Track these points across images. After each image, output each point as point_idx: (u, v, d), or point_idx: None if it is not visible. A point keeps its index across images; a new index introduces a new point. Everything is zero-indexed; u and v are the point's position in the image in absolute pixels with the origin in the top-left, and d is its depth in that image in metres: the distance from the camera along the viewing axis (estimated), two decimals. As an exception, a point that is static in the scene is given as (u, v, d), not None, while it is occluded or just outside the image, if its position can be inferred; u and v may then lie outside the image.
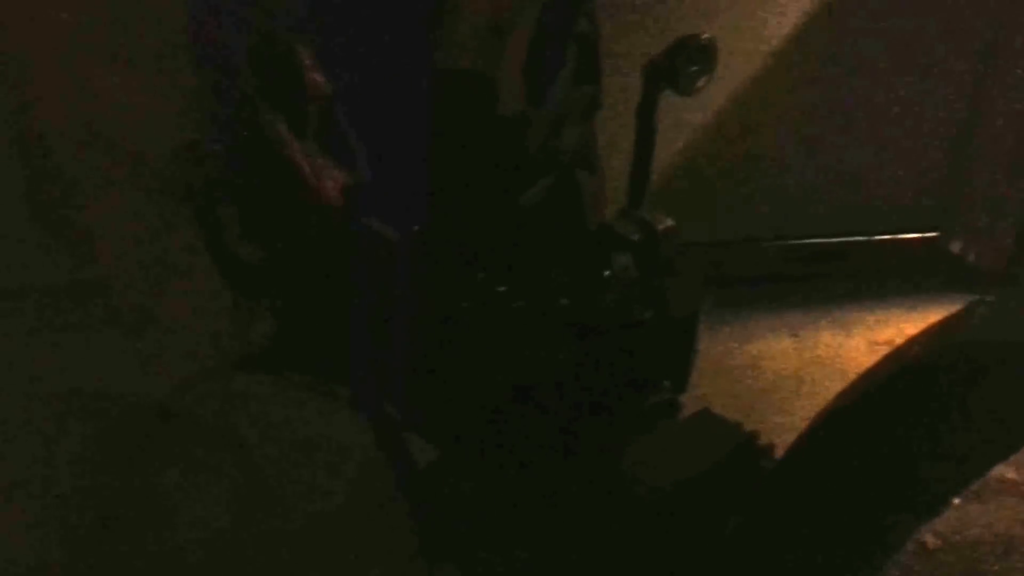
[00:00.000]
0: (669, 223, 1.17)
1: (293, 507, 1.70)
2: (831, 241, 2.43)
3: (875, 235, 2.44)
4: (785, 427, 1.84)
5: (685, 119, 2.25)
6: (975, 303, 0.83)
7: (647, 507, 1.13)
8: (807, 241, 2.42)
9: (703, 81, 1.14)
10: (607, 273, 1.17)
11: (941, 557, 1.62)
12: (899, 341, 0.87)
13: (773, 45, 2.20)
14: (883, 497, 0.86)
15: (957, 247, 2.42)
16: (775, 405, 1.96)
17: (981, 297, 0.83)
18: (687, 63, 1.12)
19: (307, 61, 1.03)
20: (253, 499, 1.73)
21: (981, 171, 2.35)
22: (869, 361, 0.87)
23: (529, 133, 1.14)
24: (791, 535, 0.96)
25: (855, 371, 0.88)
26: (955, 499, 0.87)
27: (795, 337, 2.21)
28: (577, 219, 1.22)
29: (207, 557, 1.61)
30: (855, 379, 0.90)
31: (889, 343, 2.07)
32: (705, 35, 1.13)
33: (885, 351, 0.87)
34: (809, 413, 0.91)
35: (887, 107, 2.29)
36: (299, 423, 1.87)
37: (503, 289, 1.17)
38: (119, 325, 2.12)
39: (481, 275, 1.17)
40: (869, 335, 2.17)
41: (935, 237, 2.44)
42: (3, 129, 2.06)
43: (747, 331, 2.24)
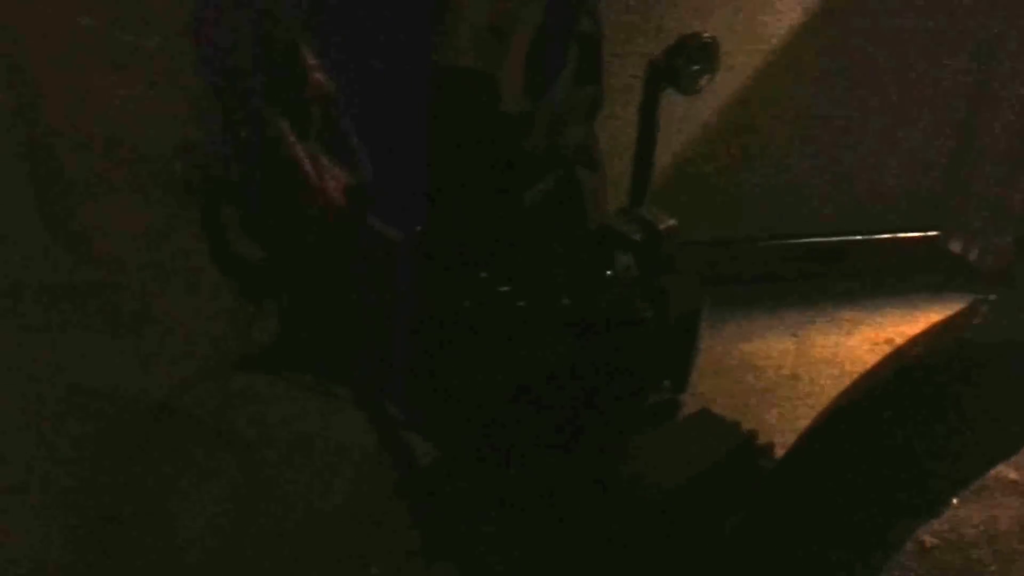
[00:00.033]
0: (671, 222, 1.17)
1: (292, 506, 1.70)
2: (831, 240, 2.43)
3: (875, 234, 2.44)
4: (784, 426, 1.84)
5: (684, 118, 2.25)
6: (976, 303, 0.83)
7: (647, 506, 1.14)
8: (806, 240, 2.42)
9: (705, 80, 1.14)
10: (608, 273, 1.17)
11: (938, 556, 1.62)
12: (898, 341, 0.87)
13: (772, 44, 2.20)
14: (884, 497, 0.86)
15: (957, 247, 2.42)
16: (774, 404, 1.96)
17: (982, 297, 0.83)
18: (688, 63, 1.12)
19: (310, 61, 1.03)
20: (252, 498, 1.72)
21: (981, 171, 2.35)
22: (868, 360, 0.87)
23: (531, 132, 1.14)
24: (791, 534, 0.96)
25: (854, 370, 0.88)
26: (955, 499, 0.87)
27: (794, 336, 2.21)
28: (579, 218, 1.22)
29: (207, 556, 1.61)
30: (856, 379, 0.90)
31: (888, 342, 2.07)
32: (706, 35, 1.13)
33: (885, 350, 0.87)
34: (808, 412, 0.91)
35: (886, 107, 2.29)
36: (298, 422, 1.86)
37: (504, 288, 1.17)
38: (119, 325, 2.11)
39: (483, 274, 1.17)
40: (868, 334, 2.17)
41: (935, 236, 2.45)
42: (6, 130, 2.06)
43: (746, 330, 2.24)
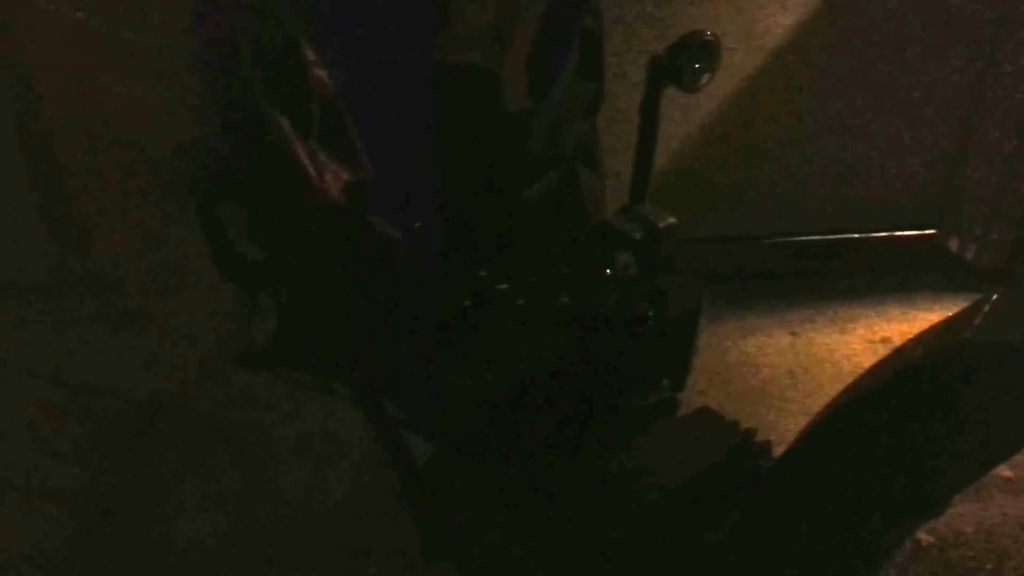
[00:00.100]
0: (670, 220, 1.16)
1: (291, 504, 1.70)
2: (829, 238, 2.43)
3: (873, 232, 2.44)
4: (782, 424, 1.84)
5: (682, 117, 2.25)
6: (977, 303, 0.83)
7: (646, 505, 1.14)
8: (805, 238, 2.43)
9: (706, 78, 1.14)
10: (608, 271, 1.17)
11: (935, 554, 1.63)
12: (897, 339, 0.87)
13: (770, 43, 2.20)
14: (884, 496, 0.87)
15: (955, 245, 2.42)
16: (772, 402, 1.96)
17: (983, 297, 0.83)
18: (690, 61, 1.11)
19: (310, 58, 1.03)
20: (252, 497, 1.73)
21: (979, 169, 2.36)
22: (866, 358, 0.87)
23: (532, 132, 1.13)
24: (790, 533, 0.96)
25: (852, 368, 0.88)
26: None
27: (792, 334, 2.21)
28: (579, 216, 1.21)
29: (205, 553, 1.61)
30: (856, 377, 0.90)
31: (886, 341, 2.07)
32: (708, 33, 1.12)
33: (882, 349, 0.87)
34: (806, 410, 0.91)
35: (886, 106, 2.29)
36: (298, 422, 1.87)
37: (504, 286, 1.17)
38: (118, 323, 2.12)
39: (482, 273, 1.17)
40: (866, 332, 2.17)
41: (932, 235, 2.45)
42: (7, 128, 2.06)
43: (745, 328, 2.25)
